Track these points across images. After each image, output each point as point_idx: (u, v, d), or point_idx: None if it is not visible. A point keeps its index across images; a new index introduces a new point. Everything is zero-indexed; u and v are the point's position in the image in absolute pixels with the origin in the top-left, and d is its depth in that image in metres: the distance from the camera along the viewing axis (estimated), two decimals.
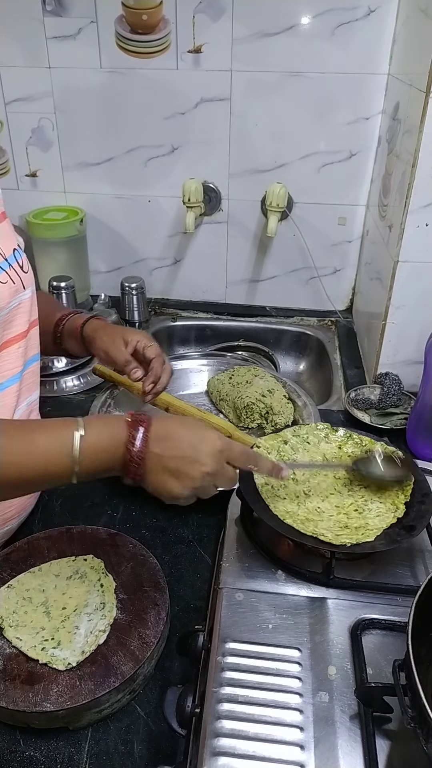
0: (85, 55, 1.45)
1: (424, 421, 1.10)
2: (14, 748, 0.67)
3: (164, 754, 0.67)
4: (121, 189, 1.61)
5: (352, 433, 0.92)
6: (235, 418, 1.23)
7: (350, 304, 1.69)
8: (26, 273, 0.84)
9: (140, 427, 0.67)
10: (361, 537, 0.73)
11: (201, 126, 1.50)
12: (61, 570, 0.83)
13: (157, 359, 1.04)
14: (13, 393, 0.84)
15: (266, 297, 1.70)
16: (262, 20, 1.36)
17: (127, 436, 0.66)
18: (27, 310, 0.85)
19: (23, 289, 0.83)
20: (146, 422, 0.68)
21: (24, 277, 0.83)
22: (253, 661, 0.64)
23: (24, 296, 0.83)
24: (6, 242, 0.82)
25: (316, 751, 0.56)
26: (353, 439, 0.91)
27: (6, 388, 0.83)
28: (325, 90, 1.41)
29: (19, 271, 0.82)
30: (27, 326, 0.85)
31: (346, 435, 0.92)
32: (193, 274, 1.71)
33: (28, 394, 0.90)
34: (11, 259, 0.81)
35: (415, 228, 1.12)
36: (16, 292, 0.81)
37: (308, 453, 0.89)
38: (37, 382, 0.93)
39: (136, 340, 1.02)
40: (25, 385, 0.88)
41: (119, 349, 1.01)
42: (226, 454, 0.70)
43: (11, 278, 0.80)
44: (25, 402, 0.88)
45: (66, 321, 1.03)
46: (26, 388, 0.88)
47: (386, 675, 0.61)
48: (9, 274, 0.80)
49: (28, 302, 0.85)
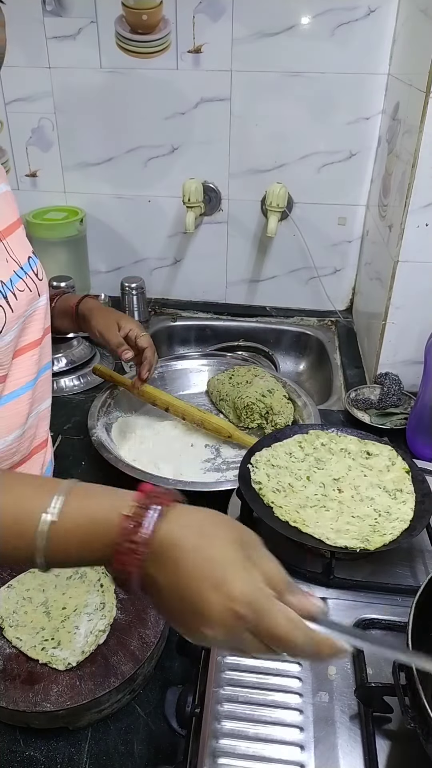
0: (85, 55, 1.45)
1: (424, 421, 1.10)
2: (14, 748, 0.67)
3: (164, 754, 0.67)
4: (121, 189, 1.61)
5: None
6: (235, 418, 1.23)
7: (350, 304, 1.69)
8: (41, 280, 0.83)
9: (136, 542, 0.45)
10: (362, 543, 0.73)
11: (201, 126, 1.50)
12: (61, 570, 0.82)
13: (150, 348, 1.12)
14: (26, 400, 0.82)
15: (266, 297, 1.70)
16: (262, 20, 1.36)
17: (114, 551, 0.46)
18: (42, 318, 0.84)
19: (38, 296, 0.82)
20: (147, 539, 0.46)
21: (39, 285, 0.82)
22: (253, 661, 0.64)
23: (39, 303, 0.82)
24: (21, 250, 0.81)
25: (316, 751, 0.56)
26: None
27: (20, 395, 0.81)
28: (325, 90, 1.41)
29: (34, 279, 0.81)
30: (41, 333, 0.84)
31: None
32: (193, 274, 1.71)
33: (40, 401, 0.89)
34: (27, 267, 0.80)
35: (415, 228, 1.12)
36: (32, 299, 0.80)
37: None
38: (49, 390, 0.92)
39: (129, 327, 1.09)
40: (38, 393, 0.86)
41: (114, 332, 1.07)
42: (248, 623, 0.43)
43: (28, 286, 0.79)
44: (36, 410, 0.87)
45: (58, 299, 1.07)
46: (39, 396, 0.87)
47: (386, 675, 0.61)
48: (26, 282, 0.79)
49: (42, 309, 0.84)
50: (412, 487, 0.82)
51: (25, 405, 0.82)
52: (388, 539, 0.73)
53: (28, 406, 0.83)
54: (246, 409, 1.19)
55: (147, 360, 1.12)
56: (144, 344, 1.11)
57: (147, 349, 1.11)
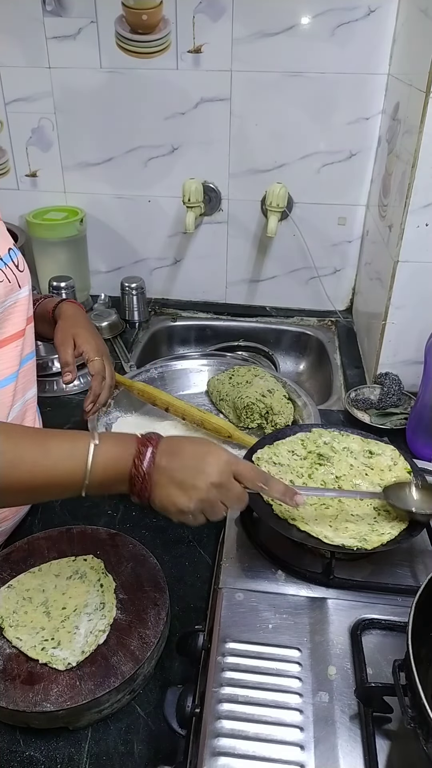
0: (85, 55, 1.45)
1: (424, 421, 1.10)
2: (14, 748, 0.67)
3: (164, 754, 0.67)
4: (121, 189, 1.61)
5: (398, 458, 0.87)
6: (235, 418, 1.23)
7: (350, 304, 1.69)
8: (22, 272, 0.85)
9: (149, 445, 0.67)
10: (362, 543, 0.73)
11: (201, 126, 1.50)
12: (61, 570, 0.83)
13: (96, 377, 1.01)
14: (9, 392, 0.85)
15: (266, 297, 1.70)
16: (262, 20, 1.36)
17: (135, 452, 0.67)
18: (24, 309, 0.85)
19: (18, 287, 0.84)
20: (155, 440, 0.68)
21: (20, 276, 0.84)
22: (253, 661, 0.64)
23: (20, 295, 0.84)
24: (1, 242, 0.83)
25: (316, 751, 0.56)
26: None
27: (3, 386, 0.84)
28: (325, 90, 1.41)
29: (14, 270, 0.83)
30: (24, 324, 0.86)
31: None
32: (193, 274, 1.71)
33: (24, 392, 0.90)
34: (6, 259, 0.82)
35: (415, 228, 1.12)
36: (11, 290, 0.82)
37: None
38: (34, 380, 0.94)
39: (83, 348, 0.99)
40: (21, 383, 0.88)
41: (65, 350, 0.98)
42: (233, 467, 0.68)
43: (7, 277, 0.81)
44: (20, 400, 0.89)
45: (38, 305, 1.03)
46: (22, 386, 0.89)
47: (386, 675, 0.61)
48: (5, 273, 0.81)
49: (24, 301, 0.85)
50: None
51: (8, 396, 0.84)
52: (385, 539, 0.73)
53: (11, 397, 0.85)
54: (246, 409, 1.19)
55: (91, 390, 1.01)
56: (91, 371, 1.00)
57: (94, 378, 1.00)
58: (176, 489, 0.66)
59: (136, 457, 0.66)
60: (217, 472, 0.67)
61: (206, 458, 0.68)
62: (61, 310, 1.02)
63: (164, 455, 0.67)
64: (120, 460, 0.66)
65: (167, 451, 0.68)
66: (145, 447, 0.67)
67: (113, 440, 0.68)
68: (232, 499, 0.68)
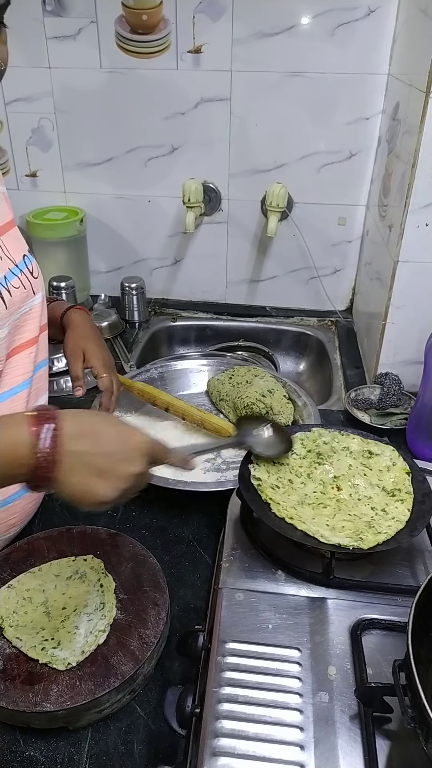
0: (85, 55, 1.45)
1: (424, 421, 1.10)
2: (14, 748, 0.67)
3: (164, 754, 0.67)
4: (121, 189, 1.61)
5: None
6: (235, 418, 1.23)
7: (350, 304, 1.69)
8: (36, 278, 0.84)
9: (47, 424, 0.58)
10: (360, 542, 0.73)
11: (201, 126, 1.50)
12: (61, 570, 0.83)
13: (106, 394, 1.01)
14: (23, 398, 0.84)
15: (266, 297, 1.70)
16: (262, 20, 1.36)
17: (29, 436, 0.57)
18: (38, 316, 0.85)
19: (33, 294, 0.84)
20: (55, 418, 0.59)
21: (34, 283, 0.84)
22: (253, 661, 0.64)
23: (34, 301, 0.84)
24: (16, 248, 0.82)
25: (316, 751, 0.56)
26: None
27: (17, 393, 0.83)
28: (325, 90, 1.41)
29: (29, 277, 0.83)
30: (38, 331, 0.86)
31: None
32: (193, 274, 1.71)
33: (37, 398, 0.90)
34: (21, 265, 0.82)
35: (415, 228, 1.12)
36: (27, 297, 0.82)
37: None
38: (46, 387, 0.94)
39: (92, 364, 1.00)
40: (34, 390, 0.88)
41: (76, 363, 0.98)
42: (152, 453, 0.65)
43: (23, 284, 0.80)
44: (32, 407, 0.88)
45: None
46: (35, 392, 0.89)
47: (386, 675, 0.61)
48: (21, 280, 0.80)
49: (38, 307, 0.85)
50: (411, 488, 0.82)
51: (22, 402, 0.84)
52: (382, 538, 0.73)
53: (24, 404, 0.84)
54: (246, 409, 1.18)
55: (102, 406, 1.02)
56: (101, 387, 1.00)
57: (104, 394, 1.00)
58: (95, 478, 0.59)
59: (33, 443, 0.57)
60: (141, 460, 0.63)
61: (128, 442, 0.63)
62: (69, 318, 1.01)
63: (74, 438, 0.59)
64: (8, 449, 0.57)
65: (77, 433, 0.59)
66: (40, 428, 0.57)
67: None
68: (144, 485, 0.65)
